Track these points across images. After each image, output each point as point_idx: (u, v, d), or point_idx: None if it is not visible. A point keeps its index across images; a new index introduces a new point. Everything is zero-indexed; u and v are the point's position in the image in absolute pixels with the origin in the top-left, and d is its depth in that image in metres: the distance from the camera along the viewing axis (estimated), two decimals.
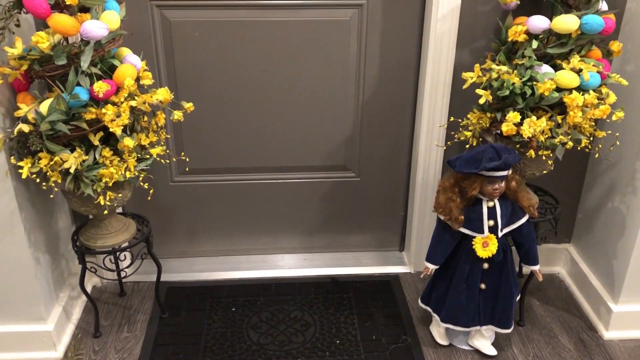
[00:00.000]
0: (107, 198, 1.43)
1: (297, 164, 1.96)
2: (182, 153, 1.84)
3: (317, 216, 2.06)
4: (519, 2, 1.48)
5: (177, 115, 1.46)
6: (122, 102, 1.35)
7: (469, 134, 1.60)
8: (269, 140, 1.91)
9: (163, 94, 1.43)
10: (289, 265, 2.07)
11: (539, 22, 1.44)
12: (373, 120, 1.90)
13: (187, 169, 1.90)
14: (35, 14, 1.23)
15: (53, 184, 1.39)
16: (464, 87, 1.54)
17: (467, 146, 1.60)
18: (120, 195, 1.48)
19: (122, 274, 1.75)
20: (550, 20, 1.44)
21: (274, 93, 1.83)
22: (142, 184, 1.48)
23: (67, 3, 1.23)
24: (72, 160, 1.34)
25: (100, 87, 1.29)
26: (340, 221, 2.08)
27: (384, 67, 1.81)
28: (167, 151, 1.62)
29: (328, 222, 2.08)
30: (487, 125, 1.56)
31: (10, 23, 1.28)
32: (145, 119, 1.49)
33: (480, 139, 1.61)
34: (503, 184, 1.47)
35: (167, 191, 1.95)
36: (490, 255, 1.52)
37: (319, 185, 2.01)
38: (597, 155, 1.68)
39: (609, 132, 1.58)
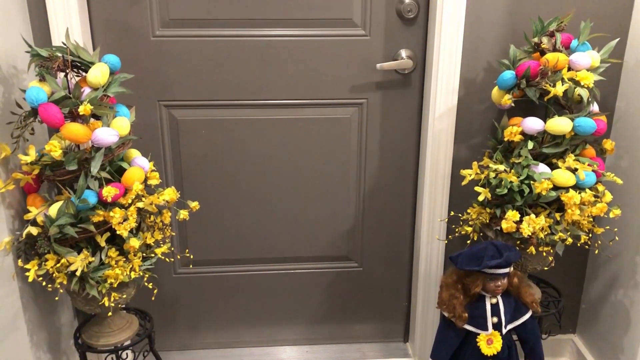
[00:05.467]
0: (112, 299, 1.43)
1: (300, 255, 1.98)
2: (187, 250, 1.86)
3: (320, 307, 2.05)
4: (513, 104, 1.54)
5: (183, 214, 1.49)
6: (129, 204, 1.38)
7: (469, 229, 1.63)
8: (272, 231, 1.93)
9: (169, 194, 1.46)
10: (291, 359, 2.04)
11: (533, 124, 1.49)
12: (374, 212, 1.93)
13: (191, 266, 1.91)
14: (49, 124, 1.29)
15: (59, 286, 1.40)
16: (463, 183, 1.58)
17: (468, 242, 1.62)
18: (124, 295, 1.49)
19: None
20: (544, 121, 1.50)
21: (277, 186, 1.87)
22: (146, 284, 1.49)
23: (81, 113, 1.29)
24: (78, 262, 1.35)
25: (109, 192, 1.32)
26: (343, 312, 2.07)
27: (384, 161, 1.86)
28: (172, 249, 1.64)
29: (331, 313, 2.07)
30: (487, 220, 1.59)
31: (25, 132, 1.33)
32: (152, 218, 1.52)
33: (481, 234, 1.64)
34: (505, 281, 1.48)
35: (170, 283, 1.95)
36: (495, 353, 1.51)
37: (322, 275, 2.01)
38: (597, 252, 1.70)
39: (607, 227, 1.60)
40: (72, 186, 1.43)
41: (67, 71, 1.35)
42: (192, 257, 1.82)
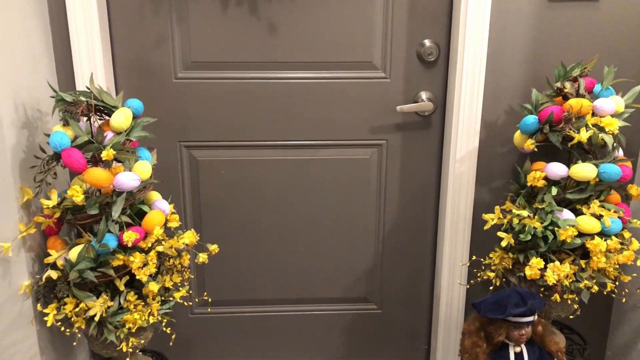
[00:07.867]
0: (130, 344, 1.42)
1: (318, 296, 1.95)
2: (205, 293, 1.85)
3: (338, 349, 2.02)
4: (536, 150, 1.52)
5: (202, 257, 1.49)
6: (149, 248, 1.38)
7: (492, 274, 1.59)
8: (290, 272, 1.91)
9: (189, 237, 1.46)
10: None
11: (557, 170, 1.47)
12: (394, 254, 1.91)
13: (209, 310, 1.89)
14: (72, 169, 1.29)
15: (77, 330, 1.38)
16: (485, 228, 1.56)
17: (491, 287, 1.58)
18: (142, 340, 1.47)
19: None
20: (568, 166, 1.48)
21: (296, 227, 1.86)
22: (164, 329, 1.47)
23: (104, 158, 1.29)
24: (97, 307, 1.34)
25: (130, 237, 1.32)
26: (361, 354, 2.03)
27: (403, 203, 1.84)
28: (190, 292, 1.63)
29: (349, 355, 2.03)
30: (510, 266, 1.56)
31: (47, 176, 1.34)
32: (171, 261, 1.51)
33: (504, 279, 1.61)
34: (529, 329, 1.45)
35: (187, 323, 1.93)
36: None
37: (340, 317, 1.98)
38: (624, 300, 1.65)
39: (634, 274, 1.57)
40: (92, 229, 1.43)
41: (91, 115, 1.37)
42: (209, 299, 1.80)
